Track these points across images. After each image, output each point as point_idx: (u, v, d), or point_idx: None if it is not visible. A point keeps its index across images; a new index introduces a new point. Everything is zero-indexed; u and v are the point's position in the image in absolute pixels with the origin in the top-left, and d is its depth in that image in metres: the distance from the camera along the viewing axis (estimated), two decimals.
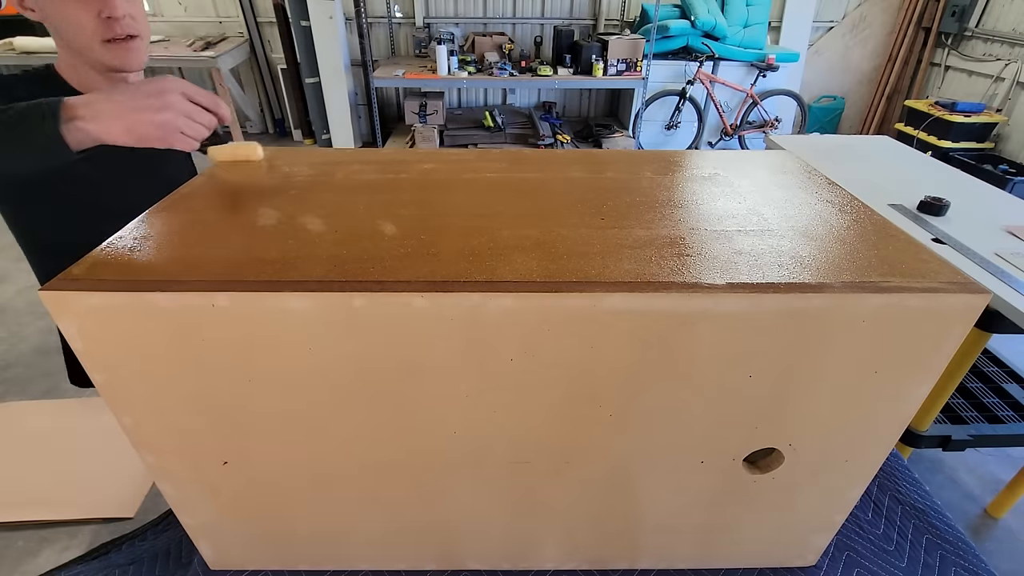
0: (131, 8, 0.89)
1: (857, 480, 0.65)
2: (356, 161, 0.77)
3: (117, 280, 0.48)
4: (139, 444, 0.58)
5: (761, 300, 0.48)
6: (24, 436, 1.56)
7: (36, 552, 1.33)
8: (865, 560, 0.78)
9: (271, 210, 0.62)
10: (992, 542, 1.64)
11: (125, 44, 0.90)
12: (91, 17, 0.86)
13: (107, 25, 0.87)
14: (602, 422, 0.57)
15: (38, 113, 0.62)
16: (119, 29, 0.88)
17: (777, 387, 0.55)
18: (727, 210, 0.65)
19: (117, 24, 0.87)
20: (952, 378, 1.38)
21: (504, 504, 0.67)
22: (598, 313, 0.49)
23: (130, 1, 0.89)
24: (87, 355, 0.50)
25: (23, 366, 2.22)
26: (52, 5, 0.85)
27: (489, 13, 4.48)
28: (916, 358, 0.53)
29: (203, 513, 0.67)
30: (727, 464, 0.62)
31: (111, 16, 0.86)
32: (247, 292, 0.47)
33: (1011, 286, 1.16)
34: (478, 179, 0.72)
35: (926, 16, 4.31)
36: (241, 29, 4.49)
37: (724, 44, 4.10)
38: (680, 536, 0.72)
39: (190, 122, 0.67)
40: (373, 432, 0.58)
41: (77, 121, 0.63)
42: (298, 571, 0.75)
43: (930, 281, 0.50)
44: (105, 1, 0.85)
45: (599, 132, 4.33)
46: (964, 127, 3.66)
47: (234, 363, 0.51)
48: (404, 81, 3.93)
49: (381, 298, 0.48)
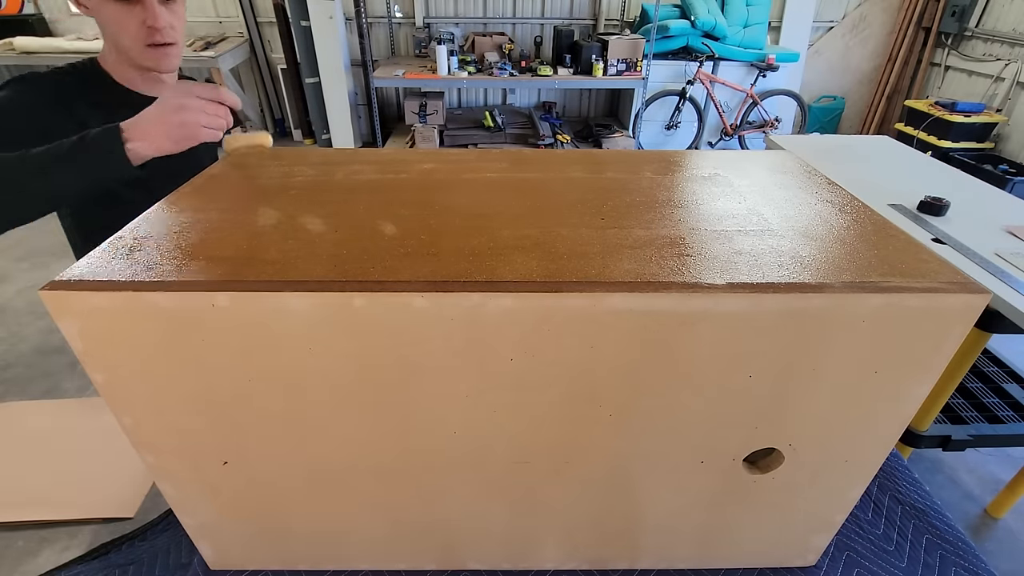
0: (172, 19, 1.00)
1: (857, 480, 0.65)
2: (356, 161, 0.77)
3: (117, 280, 0.48)
4: (139, 444, 0.58)
5: (761, 300, 0.48)
6: (24, 436, 1.56)
7: (36, 552, 1.33)
8: (865, 560, 0.78)
9: (271, 210, 0.62)
10: (992, 542, 1.64)
11: (163, 50, 1.01)
12: (137, 24, 0.97)
13: (149, 32, 0.98)
14: (602, 422, 0.57)
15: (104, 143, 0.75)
16: (159, 37, 0.99)
17: (777, 387, 0.55)
18: (727, 210, 0.65)
19: (158, 33, 0.98)
20: (952, 378, 1.38)
21: (504, 504, 0.67)
22: (598, 313, 0.49)
23: (172, 12, 1.00)
24: (87, 355, 0.50)
25: (23, 366, 2.22)
26: (103, 10, 0.96)
27: (489, 13, 4.48)
28: (916, 358, 0.53)
29: (203, 513, 0.67)
30: (727, 464, 0.62)
31: (153, 25, 0.97)
32: (247, 292, 0.47)
33: (1011, 286, 1.16)
34: (478, 179, 0.72)
35: (926, 16, 4.31)
36: (241, 29, 4.49)
37: (724, 44, 4.10)
38: (680, 536, 0.72)
39: (207, 116, 0.79)
40: (373, 432, 0.58)
41: (129, 143, 0.76)
42: (298, 571, 0.75)
43: (930, 281, 0.50)
44: (150, 11, 0.96)
45: (599, 132, 4.33)
46: (964, 127, 3.67)
47: (234, 363, 0.51)
48: (404, 81, 3.93)
49: (381, 298, 0.48)
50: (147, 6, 0.96)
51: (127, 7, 0.96)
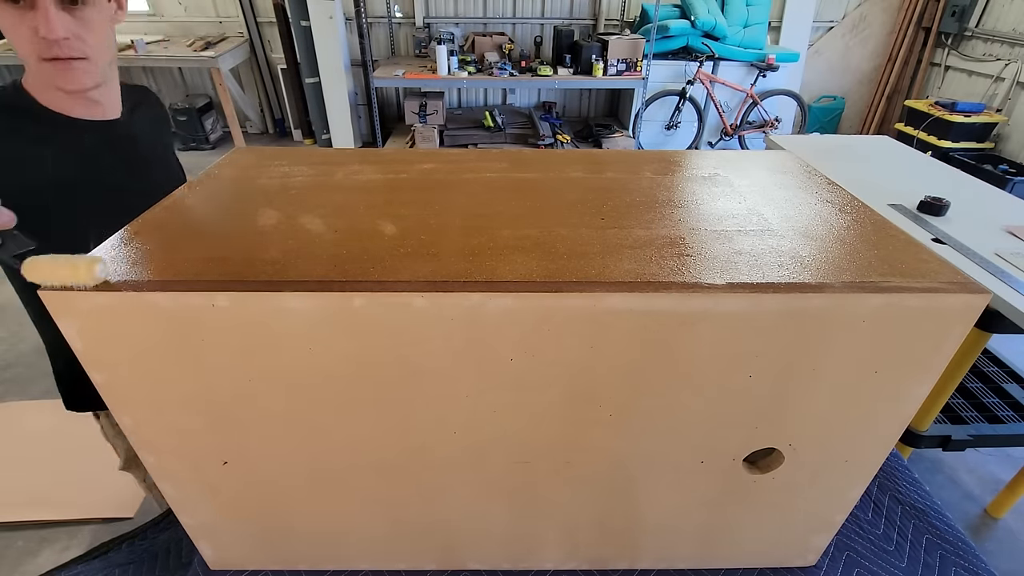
0: (78, 29, 0.78)
1: (857, 480, 0.65)
2: (356, 161, 0.77)
3: (117, 280, 0.48)
4: (139, 444, 0.58)
5: (761, 300, 0.48)
6: (24, 436, 1.56)
7: (36, 552, 1.33)
8: (865, 560, 0.78)
9: (271, 210, 0.62)
10: (992, 542, 1.64)
11: (64, 64, 0.80)
12: (28, 33, 0.76)
13: (45, 45, 0.77)
14: (602, 422, 0.57)
15: None
16: (56, 50, 0.78)
17: (777, 387, 0.55)
18: (727, 210, 0.65)
19: (55, 45, 0.77)
20: (952, 378, 1.38)
21: (504, 504, 0.67)
22: (598, 313, 0.49)
23: (79, 22, 0.78)
24: (87, 355, 0.50)
25: (23, 366, 2.22)
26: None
27: (489, 13, 4.48)
28: (916, 358, 0.53)
29: (203, 513, 0.67)
30: (727, 464, 0.62)
31: (46, 36, 0.76)
32: (247, 292, 0.47)
33: (1011, 286, 1.16)
34: (478, 179, 0.72)
35: (926, 16, 4.31)
36: (241, 29, 4.49)
37: (724, 44, 4.10)
38: (680, 536, 0.72)
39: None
40: (373, 432, 0.58)
41: None
42: (298, 571, 0.75)
43: (930, 281, 0.50)
44: (41, 20, 0.75)
45: (599, 132, 4.33)
46: (964, 127, 3.66)
47: (234, 363, 0.51)
48: (404, 81, 3.93)
49: (381, 298, 0.48)
50: (40, 11, 0.74)
51: (17, 12, 0.75)
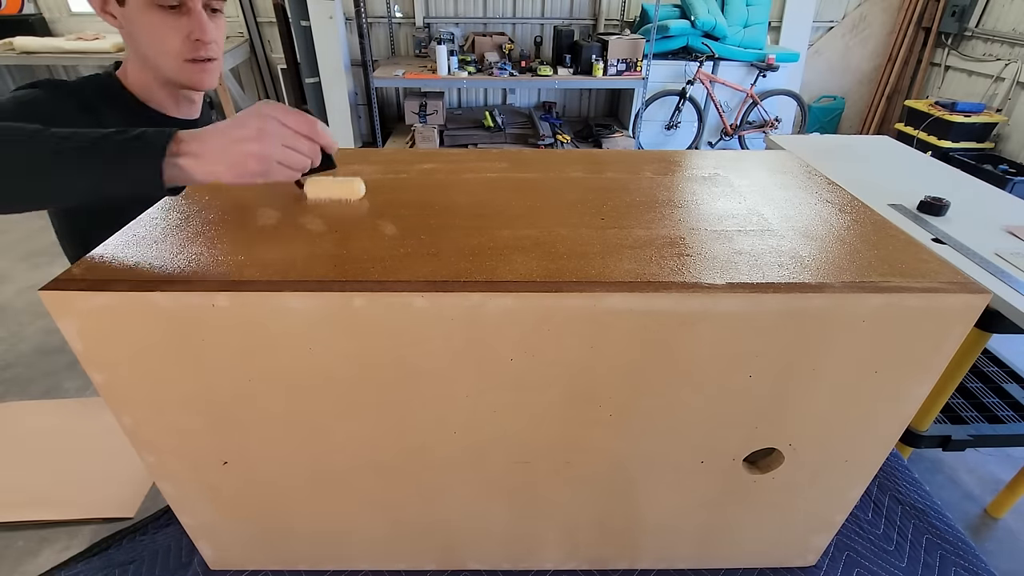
0: (217, 34, 0.92)
1: (857, 480, 0.65)
2: (356, 161, 0.77)
3: (117, 280, 0.48)
4: (139, 444, 0.58)
5: (761, 300, 0.48)
6: (24, 436, 1.56)
7: (36, 552, 1.33)
8: (865, 560, 0.78)
9: (271, 210, 0.62)
10: (992, 542, 1.64)
11: (203, 65, 0.92)
12: (181, 36, 0.87)
13: (194, 46, 0.89)
14: (602, 422, 0.57)
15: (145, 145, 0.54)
16: (203, 52, 0.90)
17: (777, 387, 0.55)
18: (727, 210, 0.65)
19: (204, 47, 0.89)
20: (952, 378, 1.38)
21: (504, 504, 0.67)
22: (598, 313, 0.49)
23: (217, 27, 0.92)
24: (87, 355, 0.50)
25: (23, 366, 2.22)
26: (142, 18, 0.85)
27: (489, 13, 4.47)
28: (916, 358, 0.53)
29: (203, 513, 0.67)
30: (727, 464, 0.62)
31: (200, 39, 0.88)
32: (247, 292, 0.47)
33: (1011, 286, 1.16)
34: (478, 179, 0.72)
35: (926, 16, 4.31)
36: (241, 29, 4.49)
37: (724, 44, 4.10)
38: (680, 536, 0.72)
39: (287, 151, 0.58)
40: (373, 432, 0.58)
41: (181, 158, 0.55)
42: (298, 571, 0.75)
43: (930, 281, 0.50)
44: (197, 23, 0.87)
45: (599, 132, 4.33)
46: (964, 127, 3.66)
47: (234, 363, 0.51)
48: (404, 81, 3.92)
49: (381, 298, 0.48)
50: (195, 17, 0.87)
51: (173, 17, 0.86)
